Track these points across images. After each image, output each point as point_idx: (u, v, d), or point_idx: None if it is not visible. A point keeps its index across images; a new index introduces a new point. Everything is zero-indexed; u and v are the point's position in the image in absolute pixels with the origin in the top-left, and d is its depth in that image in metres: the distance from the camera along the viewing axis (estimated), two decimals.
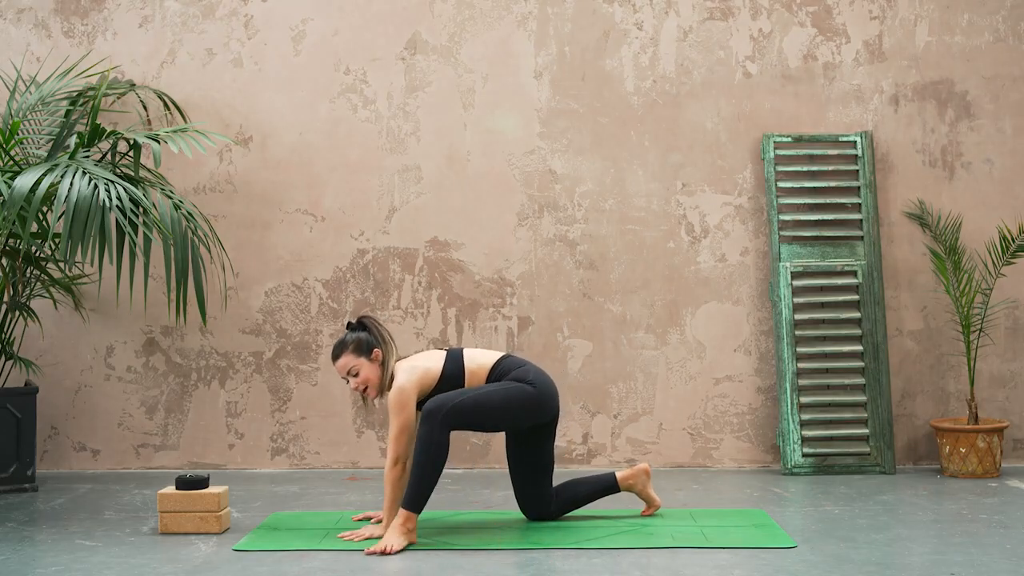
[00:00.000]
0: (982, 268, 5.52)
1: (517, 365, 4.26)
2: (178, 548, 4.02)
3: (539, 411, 4.22)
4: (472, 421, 4.11)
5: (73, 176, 4.59)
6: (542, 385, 4.22)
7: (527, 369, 4.24)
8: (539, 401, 4.19)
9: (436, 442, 4.00)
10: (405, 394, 4.10)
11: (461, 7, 5.70)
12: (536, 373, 4.24)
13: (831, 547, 3.94)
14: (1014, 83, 5.65)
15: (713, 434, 5.62)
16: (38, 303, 5.54)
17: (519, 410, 4.17)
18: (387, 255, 5.69)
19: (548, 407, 4.24)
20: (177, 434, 5.67)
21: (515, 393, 4.15)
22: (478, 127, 5.69)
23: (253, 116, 5.71)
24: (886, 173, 5.65)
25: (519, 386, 4.17)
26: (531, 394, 4.17)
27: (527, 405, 4.17)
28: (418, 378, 4.15)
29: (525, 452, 4.34)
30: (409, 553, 3.93)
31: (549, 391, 4.24)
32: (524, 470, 4.36)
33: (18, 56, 5.71)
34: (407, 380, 4.13)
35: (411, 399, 4.11)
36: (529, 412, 4.19)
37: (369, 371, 4.20)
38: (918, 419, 5.61)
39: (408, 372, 4.15)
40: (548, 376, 4.31)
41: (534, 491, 4.37)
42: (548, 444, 4.36)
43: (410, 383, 4.12)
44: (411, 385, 4.12)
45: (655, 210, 5.67)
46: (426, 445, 4.00)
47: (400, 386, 4.11)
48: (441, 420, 4.01)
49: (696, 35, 5.68)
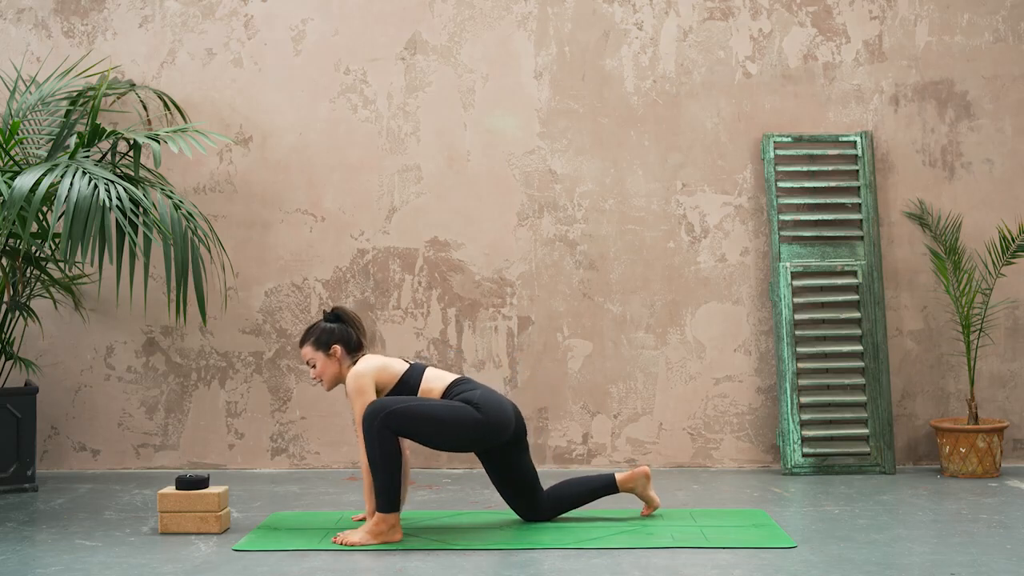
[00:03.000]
0: (982, 268, 5.52)
1: (469, 388, 4.21)
2: (178, 548, 4.02)
3: (485, 434, 4.14)
4: (410, 429, 4.06)
5: (73, 176, 4.60)
6: (489, 409, 4.12)
7: (475, 393, 4.17)
8: (483, 424, 4.11)
9: (377, 444, 4.00)
10: (362, 379, 4.14)
11: (461, 7, 5.70)
12: (485, 396, 4.16)
13: (831, 547, 3.94)
14: (1014, 83, 5.65)
15: (713, 434, 5.62)
16: (38, 303, 5.54)
17: (459, 429, 4.09)
18: (387, 255, 5.69)
19: (495, 431, 4.15)
20: (177, 434, 5.67)
21: (456, 412, 4.09)
22: (478, 127, 5.69)
23: (253, 116, 5.72)
24: (886, 173, 5.65)
25: (462, 406, 4.11)
26: (474, 417, 4.10)
27: (468, 426, 4.09)
28: (376, 368, 4.18)
29: (502, 470, 4.33)
30: (409, 553, 3.93)
31: (497, 416, 4.14)
32: (507, 486, 4.36)
33: (18, 56, 5.71)
34: (364, 367, 4.18)
35: (369, 385, 4.14)
36: (471, 434, 4.12)
37: (325, 365, 4.27)
38: (918, 419, 5.61)
39: (366, 361, 4.21)
40: (503, 401, 4.21)
41: (525, 501, 4.37)
42: (524, 459, 4.34)
43: (367, 369, 4.17)
44: (368, 371, 4.16)
45: (655, 210, 5.67)
46: (370, 449, 4.02)
47: (356, 371, 4.16)
48: (380, 421, 4.01)
49: (696, 35, 5.68)
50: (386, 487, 4.02)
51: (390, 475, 4.02)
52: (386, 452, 4.01)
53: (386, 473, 4.01)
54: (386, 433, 4.01)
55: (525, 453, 4.34)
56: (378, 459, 4.01)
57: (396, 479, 4.04)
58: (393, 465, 4.02)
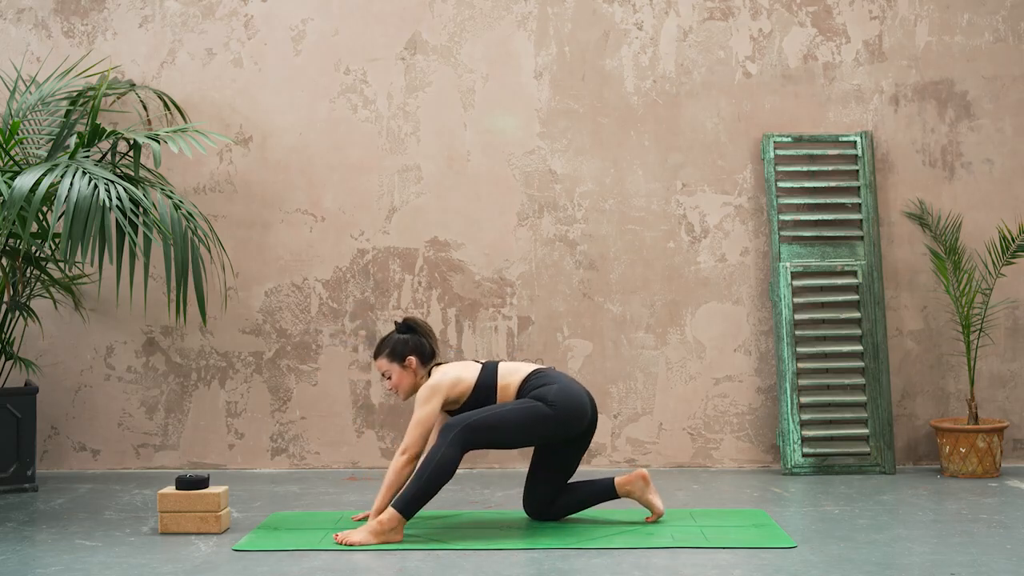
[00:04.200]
0: (982, 268, 5.52)
1: (543, 382, 4.24)
2: (178, 548, 4.02)
3: (559, 430, 4.21)
4: (488, 440, 4.14)
5: (73, 176, 4.59)
6: (563, 405, 4.17)
7: (550, 388, 4.20)
8: (557, 421, 4.17)
9: (444, 456, 4.04)
10: (432, 391, 4.19)
11: (461, 7, 5.70)
12: (559, 392, 4.19)
13: (831, 547, 3.94)
14: (1014, 83, 5.65)
15: (713, 434, 5.62)
16: (38, 303, 5.54)
17: (535, 430, 4.17)
18: (387, 255, 5.69)
19: (570, 426, 4.21)
20: (177, 434, 5.67)
21: (531, 413, 4.15)
22: (478, 127, 5.69)
23: (253, 116, 5.71)
24: (886, 173, 5.65)
25: (536, 406, 4.16)
26: (547, 415, 4.15)
27: (543, 425, 4.16)
28: (449, 382, 4.22)
29: (552, 455, 4.36)
30: (409, 553, 3.93)
31: (571, 411, 4.19)
32: (546, 470, 4.38)
33: (18, 56, 5.71)
34: (439, 380, 4.22)
35: (437, 397, 4.18)
36: (547, 432, 4.19)
37: (401, 377, 4.31)
38: (918, 419, 5.61)
39: (441, 375, 4.25)
40: (577, 391, 4.24)
41: (546, 490, 4.38)
42: (578, 453, 4.38)
43: (441, 383, 4.21)
44: (441, 385, 4.21)
45: (655, 210, 5.67)
46: (432, 455, 4.06)
47: (431, 384, 4.22)
48: (455, 436, 4.06)
49: (696, 35, 5.68)
50: (424, 497, 4.05)
51: (431, 487, 4.04)
52: (443, 466, 4.04)
53: (429, 483, 4.04)
54: (456, 449, 4.06)
55: (581, 452, 4.38)
56: (432, 467, 4.03)
57: (432, 494, 4.06)
58: (441, 480, 4.04)
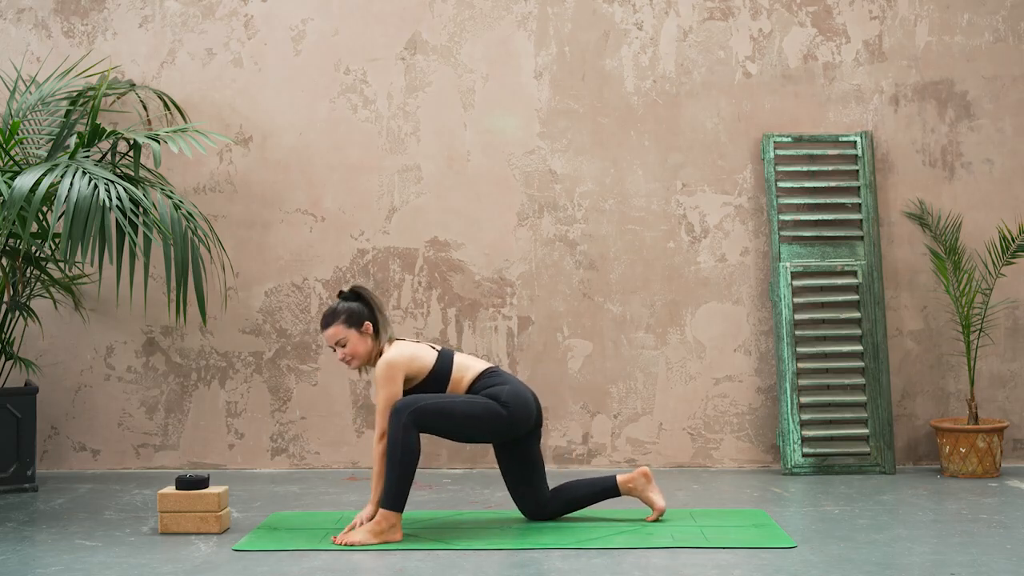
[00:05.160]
0: (982, 268, 5.52)
1: (497, 382, 4.22)
2: (178, 548, 4.02)
3: (508, 431, 4.21)
4: (437, 427, 4.10)
5: (73, 176, 4.59)
6: (515, 406, 4.17)
7: (503, 388, 4.19)
8: (508, 422, 4.17)
9: (402, 441, 4.01)
10: (393, 368, 4.12)
11: (461, 7, 5.70)
12: (511, 393, 4.19)
13: (831, 547, 3.94)
14: (1014, 83, 5.65)
15: (713, 434, 5.62)
16: (38, 303, 5.54)
17: (485, 427, 4.16)
18: (387, 255, 5.69)
19: (519, 427, 4.22)
20: (177, 434, 5.67)
21: (483, 410, 4.14)
22: (478, 127, 5.69)
23: (253, 116, 5.71)
24: (886, 173, 5.65)
25: (490, 404, 4.15)
26: (500, 415, 4.15)
27: (494, 424, 4.15)
28: (408, 357, 4.17)
29: (511, 453, 4.36)
30: (409, 553, 3.93)
31: (522, 412, 4.19)
32: (512, 469, 4.38)
33: (18, 56, 5.71)
34: (397, 355, 4.16)
35: (399, 374, 4.13)
36: (496, 431, 4.19)
37: (358, 343, 4.21)
38: (918, 419, 5.61)
39: (399, 348, 4.19)
40: (526, 393, 4.25)
41: (527, 489, 4.37)
42: (534, 445, 4.37)
43: (399, 358, 4.15)
44: (400, 360, 4.15)
45: (655, 210, 5.67)
46: (393, 445, 4.03)
47: (388, 360, 4.14)
48: (406, 419, 4.02)
49: (696, 35, 5.68)
50: (397, 485, 4.03)
51: (405, 473, 4.03)
52: (407, 450, 4.02)
53: (401, 470, 4.02)
54: (412, 431, 4.03)
55: (536, 441, 4.37)
56: (398, 455, 4.01)
57: (409, 479, 4.04)
58: (410, 464, 4.03)
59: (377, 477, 4.13)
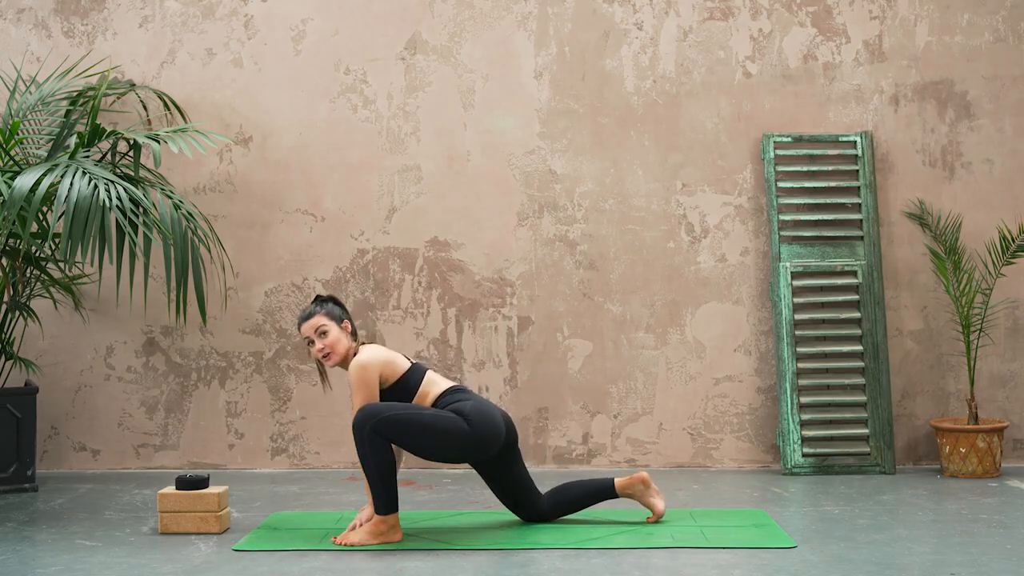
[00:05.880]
0: (982, 268, 5.52)
1: (461, 398, 4.14)
2: (178, 548, 4.02)
3: (473, 447, 4.09)
4: (398, 437, 4.01)
5: (73, 176, 4.60)
6: (478, 423, 4.06)
7: (466, 404, 4.10)
8: (474, 439, 4.05)
9: (370, 450, 3.97)
10: (367, 372, 4.08)
11: (461, 7, 5.70)
12: (476, 409, 4.09)
13: (831, 547, 3.94)
14: (1014, 83, 5.65)
15: (713, 434, 5.62)
16: (38, 303, 5.54)
17: (447, 441, 4.04)
18: (387, 255, 5.69)
19: (484, 445, 4.10)
20: (177, 434, 5.67)
21: (446, 423, 4.04)
22: (478, 127, 5.69)
23: (253, 116, 5.71)
24: (886, 173, 5.65)
25: (453, 417, 4.06)
26: (462, 429, 4.04)
27: (457, 439, 4.04)
28: (382, 361, 4.13)
29: (498, 479, 4.30)
30: (409, 553, 3.93)
31: (486, 430, 4.07)
32: (499, 491, 4.33)
33: (18, 56, 5.71)
34: (371, 358, 4.12)
35: (373, 377, 4.08)
36: (460, 446, 4.07)
37: (339, 337, 4.19)
38: (918, 419, 5.61)
39: (373, 352, 4.15)
40: (494, 413, 4.14)
41: (524, 506, 4.35)
42: (517, 467, 4.29)
43: (373, 361, 4.11)
44: (374, 363, 4.10)
45: (655, 210, 5.67)
46: (364, 458, 4.00)
47: (362, 362, 4.09)
48: (371, 428, 3.97)
49: (696, 35, 5.68)
50: (380, 491, 4.01)
51: (383, 480, 4.00)
52: (378, 459, 3.99)
53: (379, 478, 4.00)
54: (376, 440, 3.98)
55: (518, 462, 4.29)
56: (371, 465, 3.99)
57: (390, 483, 4.02)
58: (386, 470, 3.99)
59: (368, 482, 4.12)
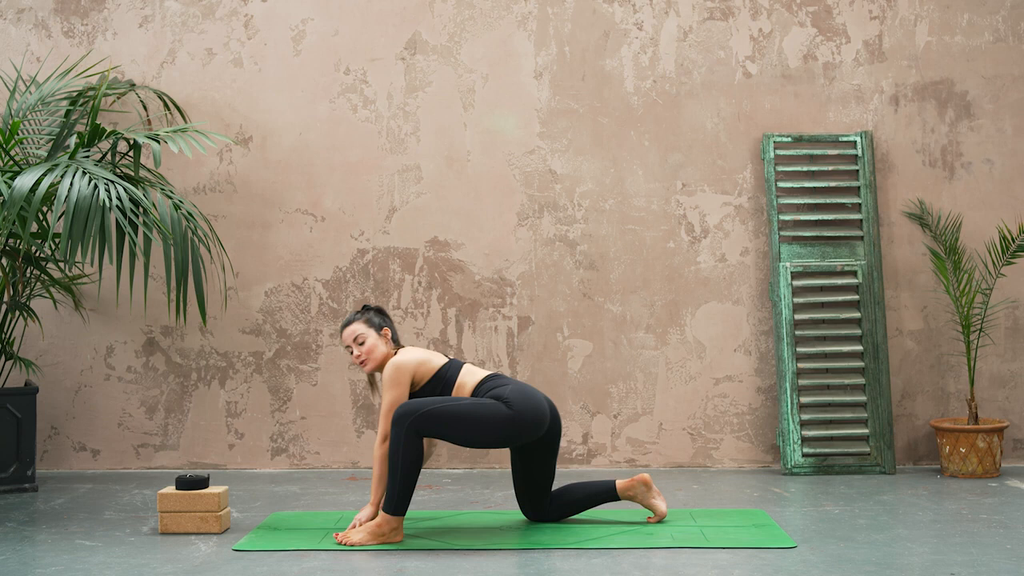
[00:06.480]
0: (982, 268, 5.52)
1: (500, 383, 4.18)
2: (178, 548, 4.02)
3: (515, 431, 4.09)
4: (441, 430, 4.04)
5: (73, 176, 4.60)
6: (520, 406, 4.07)
7: (506, 388, 4.13)
8: (514, 421, 4.06)
9: (404, 447, 3.99)
10: (400, 371, 4.15)
11: (461, 7, 5.70)
12: (515, 392, 4.11)
13: (831, 547, 3.94)
14: (1014, 83, 5.65)
15: (713, 434, 5.62)
16: (38, 303, 5.54)
17: (491, 428, 4.05)
18: (387, 255, 5.69)
19: (527, 428, 4.10)
20: (177, 434, 5.67)
21: (487, 410, 4.06)
22: (478, 127, 5.69)
23: (253, 116, 5.72)
24: (886, 173, 5.65)
25: (493, 403, 4.08)
26: (504, 414, 4.05)
27: (499, 424, 4.05)
28: (416, 362, 4.20)
29: (526, 464, 4.33)
30: (409, 553, 3.93)
31: (528, 413, 4.09)
32: (525, 477, 4.35)
33: (18, 56, 5.71)
34: (405, 359, 4.19)
35: (405, 377, 4.15)
36: (502, 431, 4.07)
37: (376, 343, 4.27)
38: (918, 419, 5.61)
39: (408, 353, 4.23)
40: (534, 394, 4.16)
41: (534, 499, 4.37)
42: (549, 460, 4.33)
43: (407, 362, 4.18)
44: (408, 364, 4.17)
45: (655, 210, 5.67)
46: (395, 449, 4.01)
47: (396, 363, 4.17)
48: (409, 425, 4.00)
49: (696, 35, 5.68)
50: (399, 491, 4.02)
51: (405, 479, 4.01)
52: (408, 457, 4.00)
53: (404, 477, 4.01)
54: (413, 438, 4.01)
55: (554, 455, 4.34)
56: (399, 462, 4.00)
57: (410, 484, 4.03)
58: (412, 470, 4.01)
59: (377, 480, 4.13)
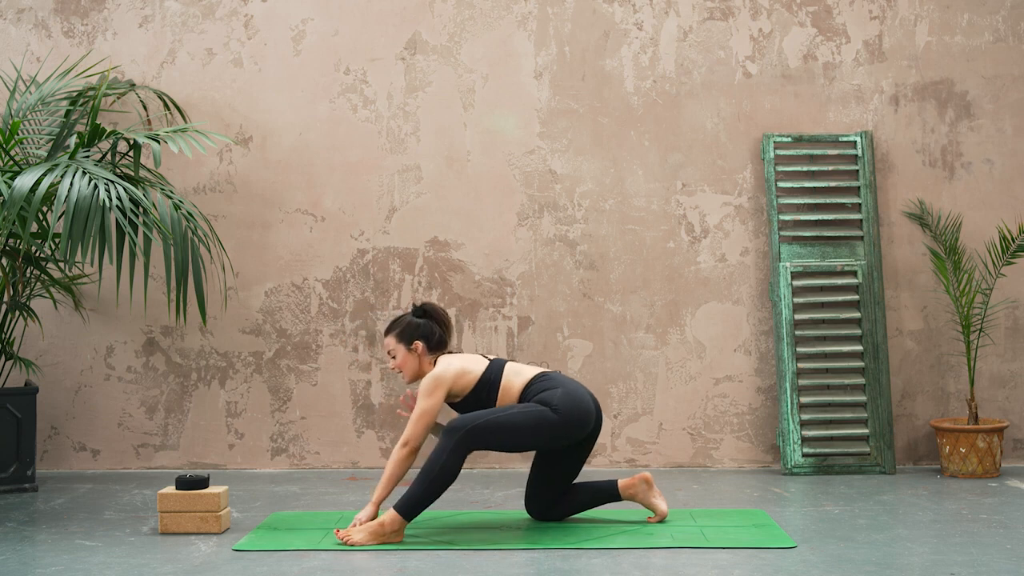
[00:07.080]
0: (982, 268, 5.52)
1: (548, 386, 4.20)
2: (178, 548, 4.02)
3: (563, 435, 4.17)
4: (493, 442, 4.11)
5: (73, 176, 4.59)
6: (567, 410, 4.13)
7: (555, 392, 4.17)
8: (561, 426, 4.13)
9: (448, 461, 4.03)
10: (437, 382, 4.17)
11: (461, 7, 5.70)
12: (563, 397, 4.15)
13: (831, 547, 3.94)
14: (1014, 83, 5.65)
15: (713, 434, 5.62)
16: (38, 303, 5.54)
17: (540, 435, 4.13)
18: (387, 255, 5.69)
19: (573, 431, 4.17)
20: (177, 434, 5.67)
21: (535, 418, 4.11)
22: (478, 127, 5.69)
23: (253, 116, 5.72)
24: (886, 173, 5.65)
25: (541, 411, 4.13)
26: (552, 421, 4.11)
27: (547, 430, 4.12)
28: (454, 373, 4.21)
29: (555, 459, 4.34)
30: (409, 553, 3.93)
31: (575, 416, 4.15)
32: (549, 474, 4.36)
33: (18, 56, 5.71)
34: (444, 370, 4.21)
35: (442, 388, 4.17)
36: (552, 437, 4.15)
37: (405, 359, 4.30)
38: (918, 419, 5.61)
39: (447, 364, 4.24)
40: (582, 396, 4.20)
41: (549, 493, 4.37)
42: (582, 456, 4.36)
43: (445, 374, 4.19)
44: (445, 377, 4.19)
45: (655, 210, 5.67)
46: (437, 458, 4.04)
47: (435, 374, 4.19)
48: (460, 439, 4.04)
49: (696, 35, 5.68)
50: (423, 497, 4.04)
51: (435, 489, 4.03)
52: (446, 469, 4.02)
53: (433, 486, 4.03)
54: (461, 452, 4.04)
55: (584, 455, 4.36)
56: (437, 471, 4.02)
57: (436, 496, 4.05)
58: (445, 483, 4.03)
59: (387, 480, 4.11)
